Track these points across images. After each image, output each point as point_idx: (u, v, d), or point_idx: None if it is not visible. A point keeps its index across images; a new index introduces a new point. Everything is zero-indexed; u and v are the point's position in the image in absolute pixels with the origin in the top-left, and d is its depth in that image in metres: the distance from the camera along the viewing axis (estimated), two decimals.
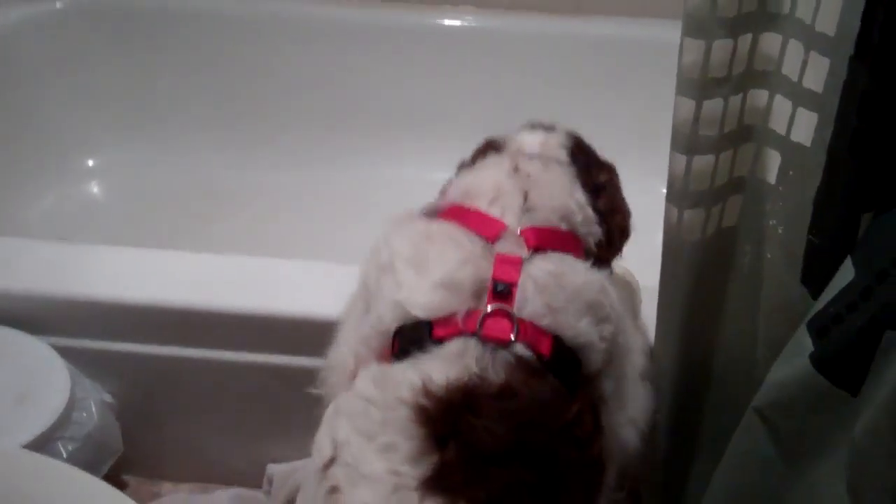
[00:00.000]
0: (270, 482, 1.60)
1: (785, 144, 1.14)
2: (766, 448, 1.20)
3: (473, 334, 1.03)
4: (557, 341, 1.06)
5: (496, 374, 1.01)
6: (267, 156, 2.30)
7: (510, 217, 1.14)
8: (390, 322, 1.08)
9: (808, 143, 1.10)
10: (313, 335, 1.38)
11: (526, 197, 1.16)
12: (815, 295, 1.12)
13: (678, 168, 1.17)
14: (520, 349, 1.03)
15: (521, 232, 1.12)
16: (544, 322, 1.06)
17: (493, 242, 1.11)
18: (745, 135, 1.18)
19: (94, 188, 2.27)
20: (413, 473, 0.96)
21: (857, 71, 0.98)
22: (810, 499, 1.16)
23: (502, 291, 1.06)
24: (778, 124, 1.14)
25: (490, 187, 1.18)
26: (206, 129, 2.29)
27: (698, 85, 1.10)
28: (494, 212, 1.14)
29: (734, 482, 1.27)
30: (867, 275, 1.03)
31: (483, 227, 1.13)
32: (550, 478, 1.01)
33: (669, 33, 1.20)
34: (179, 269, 1.51)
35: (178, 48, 2.23)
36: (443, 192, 1.29)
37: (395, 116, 2.30)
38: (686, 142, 1.14)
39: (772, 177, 1.18)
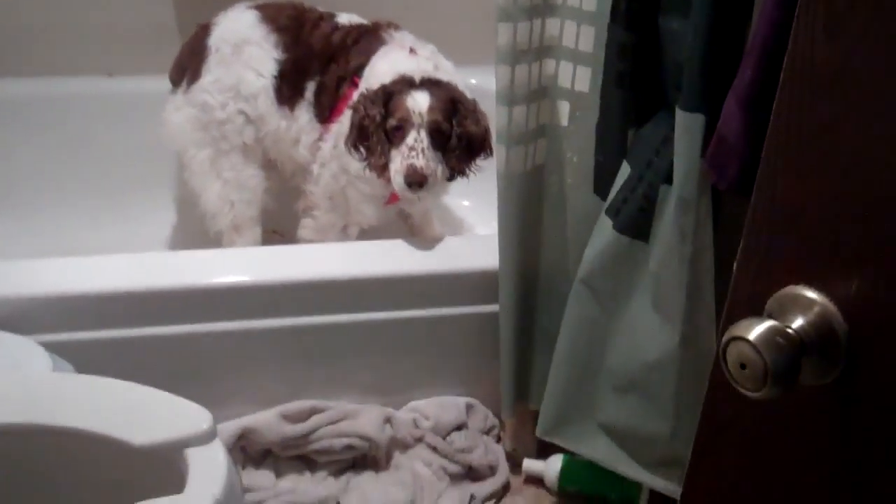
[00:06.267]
0: None
1: (571, 94, 1.57)
2: (592, 308, 1.59)
3: None
4: None
5: None
6: (102, 211, 2.48)
7: None
8: None
9: (586, 90, 1.54)
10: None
11: None
12: (605, 199, 1.54)
13: (502, 118, 1.58)
14: None
15: None
16: None
17: None
18: (542, 93, 1.60)
19: None
20: None
21: (613, 31, 1.44)
22: (631, 330, 1.55)
23: None
24: (564, 81, 1.57)
25: None
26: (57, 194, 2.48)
27: (511, 57, 1.52)
28: None
29: (572, 344, 1.64)
30: (639, 166, 1.47)
31: None
32: None
33: None
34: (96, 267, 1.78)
35: (34, 131, 2.44)
36: None
37: None
38: (506, 98, 1.56)
39: (565, 120, 1.60)
